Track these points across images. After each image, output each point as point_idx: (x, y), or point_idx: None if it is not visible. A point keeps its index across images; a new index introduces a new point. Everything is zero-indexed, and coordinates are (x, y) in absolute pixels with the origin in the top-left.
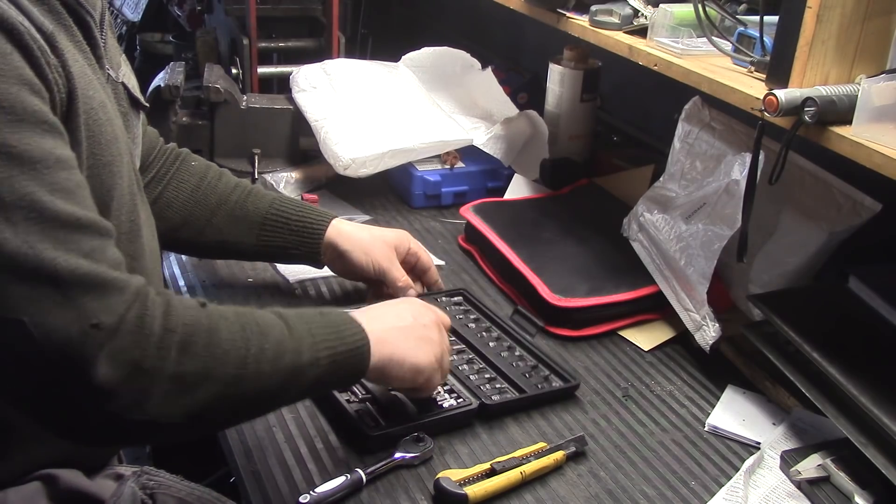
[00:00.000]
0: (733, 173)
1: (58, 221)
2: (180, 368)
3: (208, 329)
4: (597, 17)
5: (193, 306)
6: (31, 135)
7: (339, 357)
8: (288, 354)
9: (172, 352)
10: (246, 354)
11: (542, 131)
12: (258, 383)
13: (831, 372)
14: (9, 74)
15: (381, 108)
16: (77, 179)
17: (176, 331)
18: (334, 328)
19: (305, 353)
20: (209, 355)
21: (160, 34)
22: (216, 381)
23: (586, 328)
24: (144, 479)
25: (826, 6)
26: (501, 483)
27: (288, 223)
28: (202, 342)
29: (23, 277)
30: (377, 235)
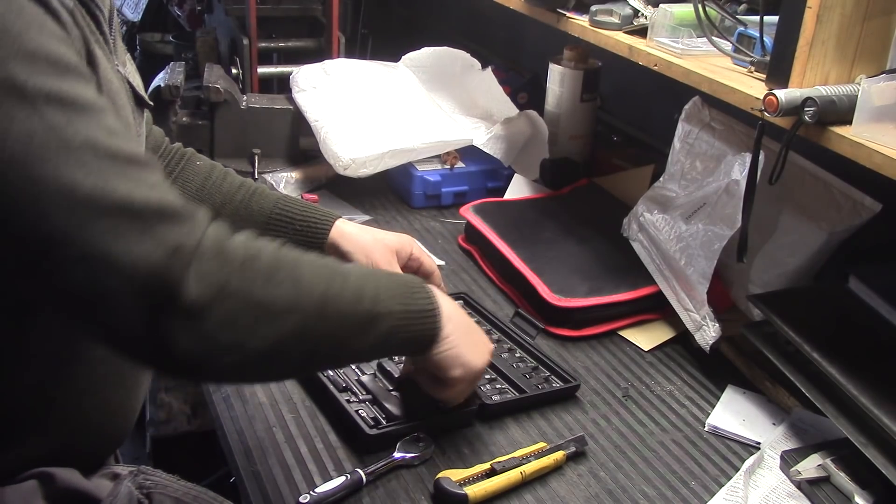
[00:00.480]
0: (733, 173)
1: (121, 158)
2: (265, 293)
3: (293, 260)
4: (597, 17)
5: (273, 244)
6: (79, 83)
7: (412, 315)
8: (367, 299)
9: (258, 277)
10: (327, 291)
11: (542, 131)
12: (338, 321)
13: (831, 372)
14: (50, 33)
15: (381, 108)
16: (120, 125)
17: (260, 257)
18: (408, 288)
19: (383, 301)
20: (294, 286)
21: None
22: (300, 312)
23: (586, 328)
24: (141, 479)
25: (826, 6)
26: (501, 483)
27: (292, 222)
28: (287, 271)
29: (101, 214)
30: (380, 238)
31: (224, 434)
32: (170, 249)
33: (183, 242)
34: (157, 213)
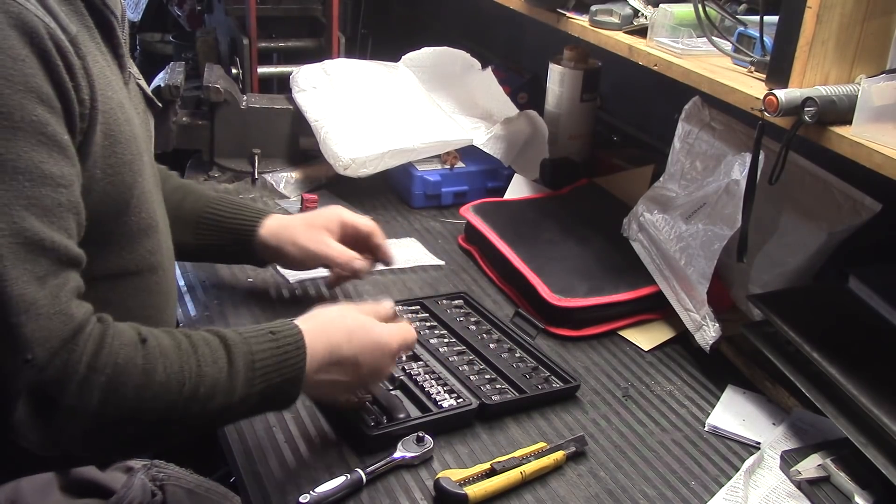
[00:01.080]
0: (733, 173)
1: (23, 237)
2: (102, 409)
3: (143, 371)
4: (597, 17)
5: (132, 342)
6: (24, 144)
7: (272, 390)
8: (220, 395)
9: (95, 393)
10: (177, 399)
11: (542, 131)
12: (183, 424)
13: (831, 372)
14: (16, 80)
15: (381, 108)
16: (60, 199)
17: (104, 371)
18: (276, 361)
19: (239, 391)
20: (137, 398)
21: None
22: (140, 424)
23: (586, 328)
24: (154, 472)
25: (826, 6)
26: (501, 483)
27: (221, 223)
28: (132, 384)
29: None
30: (306, 220)
31: (224, 434)
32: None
33: (36, 352)
34: (25, 310)
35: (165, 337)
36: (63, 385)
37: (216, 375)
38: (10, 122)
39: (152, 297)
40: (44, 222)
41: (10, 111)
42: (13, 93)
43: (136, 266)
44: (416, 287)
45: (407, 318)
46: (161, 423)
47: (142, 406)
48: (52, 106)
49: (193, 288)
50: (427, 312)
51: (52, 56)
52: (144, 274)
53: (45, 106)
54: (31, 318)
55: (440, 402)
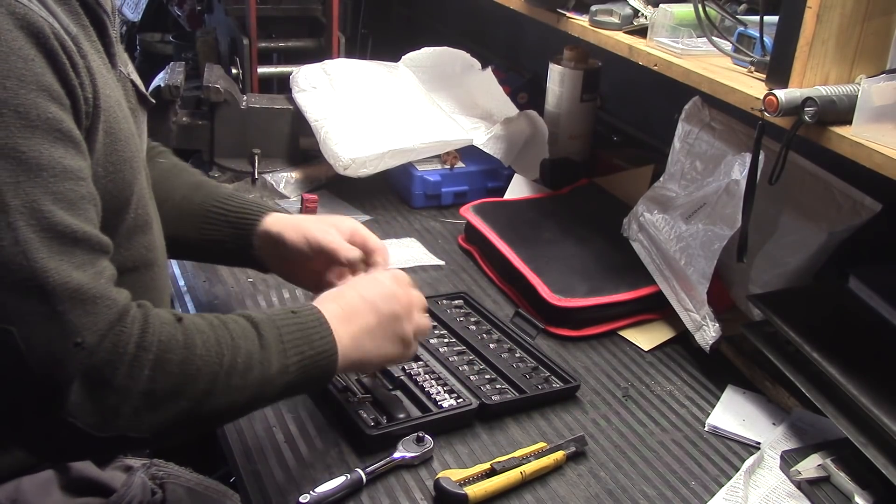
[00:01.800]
0: (733, 173)
1: (55, 231)
2: (152, 386)
3: (184, 345)
4: (597, 17)
5: (170, 322)
6: (42, 142)
7: (309, 362)
8: (257, 367)
9: (146, 370)
10: (218, 370)
11: (542, 131)
12: (228, 397)
13: (831, 372)
14: (28, 80)
15: (381, 108)
16: (82, 191)
17: (150, 349)
18: (303, 332)
19: (275, 363)
20: (182, 372)
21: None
22: (187, 397)
23: (586, 328)
24: (154, 470)
25: (826, 6)
26: (501, 483)
27: (226, 216)
28: (177, 359)
29: (14, 287)
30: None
31: (224, 434)
32: (70, 344)
33: (84, 339)
34: (70, 297)
35: (197, 317)
36: (115, 366)
37: (250, 347)
38: (27, 122)
39: (148, 293)
40: (72, 214)
41: (27, 111)
42: (27, 92)
43: (132, 262)
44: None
45: None
46: (206, 397)
47: (187, 379)
48: (63, 103)
49: (194, 288)
50: (427, 312)
51: (58, 55)
52: (140, 270)
53: (57, 104)
54: (77, 305)
55: (440, 402)
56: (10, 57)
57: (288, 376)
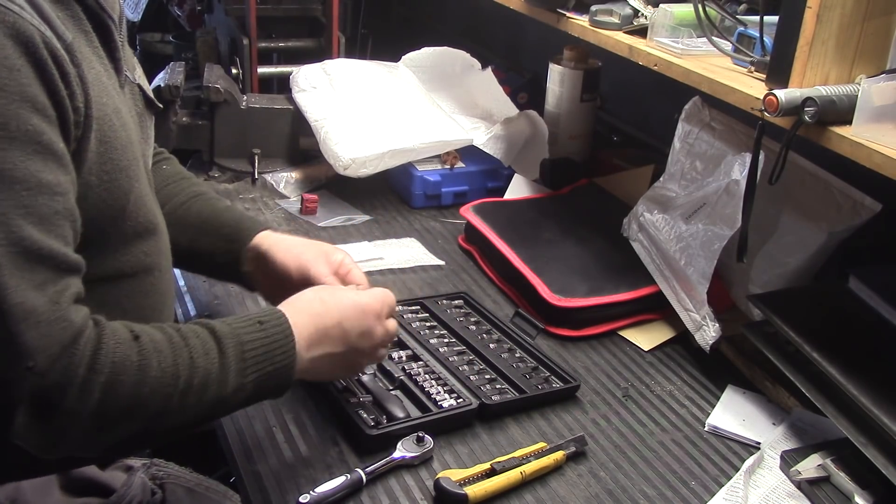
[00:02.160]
0: (733, 173)
1: (21, 246)
2: (102, 409)
3: (138, 367)
4: (597, 17)
5: (125, 341)
6: (20, 154)
7: (265, 379)
8: (214, 386)
9: (96, 394)
10: (172, 392)
11: (542, 131)
12: (181, 415)
13: (831, 372)
14: (11, 90)
15: (381, 108)
16: (57, 207)
17: (102, 371)
18: (267, 348)
19: (232, 382)
20: (135, 394)
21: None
22: (139, 418)
23: (586, 328)
24: (154, 470)
25: (826, 6)
26: (501, 483)
27: (221, 228)
28: (129, 381)
29: None
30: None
31: (224, 434)
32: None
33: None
34: (24, 318)
35: (157, 332)
36: (64, 389)
37: (208, 367)
38: (6, 133)
39: (149, 298)
40: (41, 231)
41: (6, 121)
42: (9, 103)
43: (131, 268)
44: (416, 287)
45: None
46: (158, 417)
47: (139, 402)
48: (48, 115)
49: (193, 288)
50: (427, 312)
51: (47, 65)
52: (140, 275)
53: (40, 115)
54: (31, 326)
55: (440, 402)
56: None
57: (244, 393)
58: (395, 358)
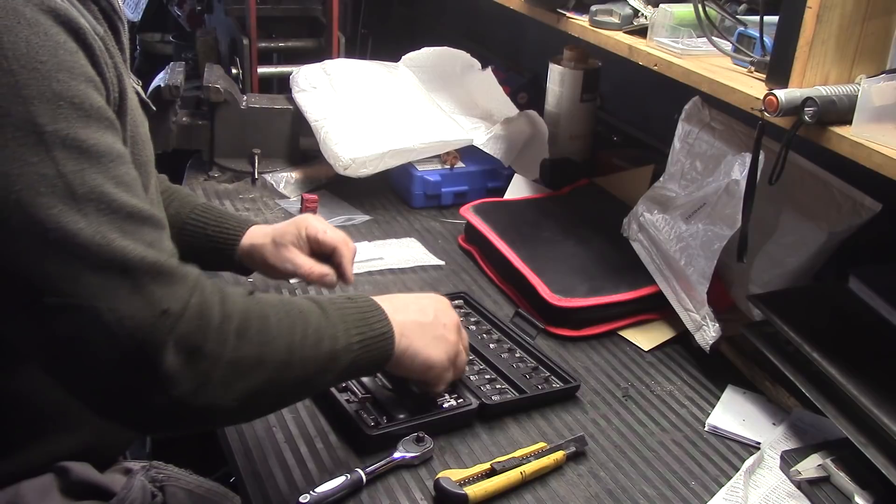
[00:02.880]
0: (733, 173)
1: (124, 212)
2: (237, 353)
3: (260, 316)
4: (597, 17)
5: (243, 294)
6: (98, 130)
7: (369, 342)
8: (327, 340)
9: (231, 337)
10: (292, 340)
11: (542, 131)
12: (303, 367)
13: (831, 372)
14: (78, 72)
15: (381, 108)
16: (133, 174)
17: (233, 317)
18: (362, 314)
19: (341, 338)
20: (262, 341)
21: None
22: (268, 365)
23: (586, 328)
24: (153, 473)
25: (826, 6)
26: (501, 483)
27: (205, 229)
28: (255, 328)
29: (96, 266)
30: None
31: (224, 434)
32: (157, 312)
33: (170, 306)
34: (149, 272)
35: (264, 294)
36: (203, 332)
37: (318, 321)
38: (83, 111)
39: None
40: (131, 195)
41: (82, 101)
42: (79, 83)
43: None
44: (416, 287)
45: None
46: (284, 368)
47: (267, 349)
48: (103, 94)
49: None
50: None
51: (95, 50)
52: None
53: (100, 94)
54: (157, 278)
55: (440, 402)
56: (58, 51)
57: (352, 353)
58: None
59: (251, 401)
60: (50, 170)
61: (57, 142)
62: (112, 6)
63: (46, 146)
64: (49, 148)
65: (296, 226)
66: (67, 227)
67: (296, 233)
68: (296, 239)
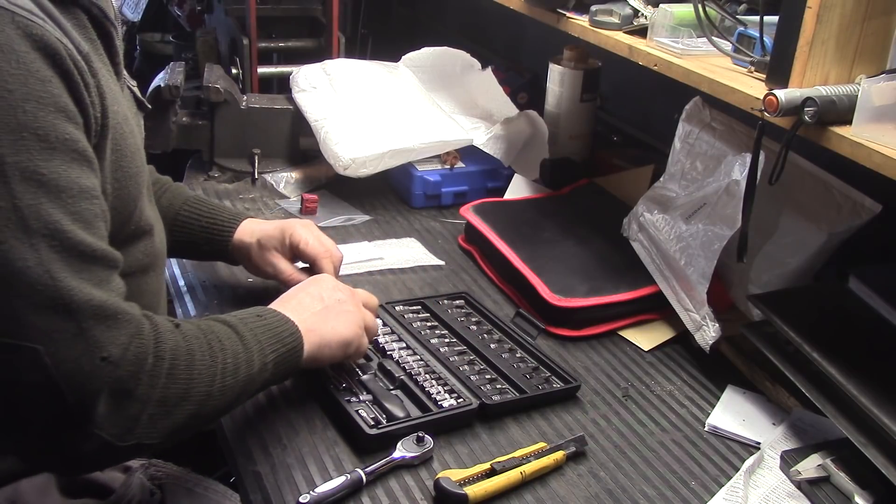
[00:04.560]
0: (733, 173)
1: (77, 250)
2: (165, 393)
3: (187, 352)
4: (597, 17)
5: (172, 329)
6: (61, 163)
7: (281, 358)
8: (243, 366)
9: (161, 379)
10: (213, 373)
11: (542, 131)
12: (223, 397)
13: (831, 372)
14: (47, 101)
15: (381, 108)
16: (96, 210)
17: (165, 358)
18: (274, 330)
19: (256, 362)
20: (188, 377)
21: (160, 34)
22: (192, 400)
23: (586, 328)
24: (152, 471)
25: (826, 6)
26: (501, 483)
27: (198, 220)
28: (183, 366)
29: (41, 306)
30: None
31: (224, 434)
32: (97, 358)
33: (110, 353)
34: (94, 315)
35: (188, 323)
36: (137, 377)
37: (236, 349)
38: (47, 144)
39: (144, 297)
40: (89, 233)
41: (46, 133)
42: (46, 114)
43: (129, 268)
44: (416, 287)
45: None
46: (207, 399)
47: (192, 384)
48: (78, 122)
49: (193, 288)
50: (428, 312)
51: (73, 75)
52: (137, 275)
53: (72, 123)
54: (100, 321)
55: (440, 402)
56: (29, 80)
57: (266, 373)
58: (396, 357)
59: (175, 434)
60: (5, 202)
61: (16, 174)
62: (104, 13)
63: (4, 178)
64: (7, 180)
65: (282, 231)
66: (15, 263)
67: (280, 238)
68: (279, 245)
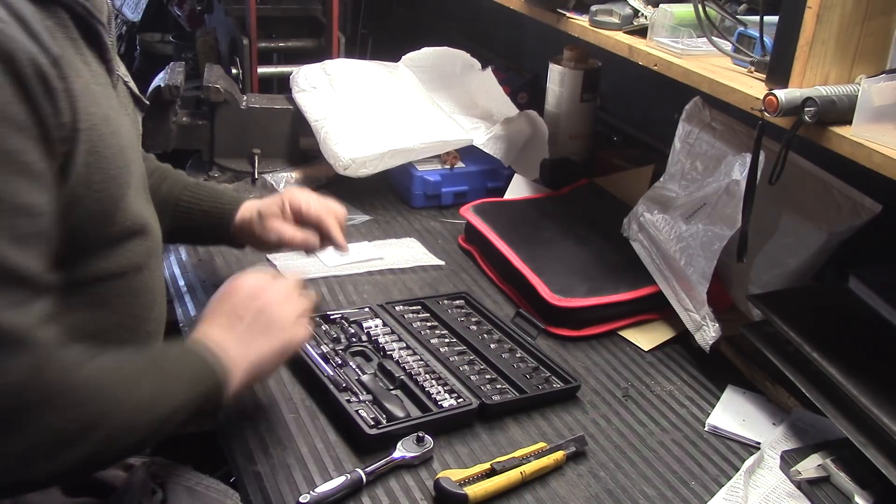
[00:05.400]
0: (733, 173)
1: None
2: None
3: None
4: (597, 17)
5: (79, 364)
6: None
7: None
8: (157, 407)
9: (47, 415)
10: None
11: (542, 131)
12: (129, 437)
13: (831, 372)
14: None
15: (381, 108)
16: (34, 229)
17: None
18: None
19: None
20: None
21: (160, 34)
22: (90, 441)
23: (586, 328)
24: (154, 469)
25: (826, 6)
26: (501, 483)
27: (199, 205)
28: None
29: None
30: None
31: (224, 433)
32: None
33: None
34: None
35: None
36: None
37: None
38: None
39: (139, 296)
40: (19, 251)
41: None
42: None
43: (119, 268)
44: (417, 287)
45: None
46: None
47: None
48: (29, 133)
49: (193, 288)
50: (428, 312)
51: (29, 82)
52: (129, 275)
53: (21, 134)
54: (4, 345)
55: (440, 402)
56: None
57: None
58: (396, 357)
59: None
60: None
61: None
62: (88, 10)
63: None
64: None
65: (281, 199)
66: None
67: (280, 204)
68: (280, 210)
